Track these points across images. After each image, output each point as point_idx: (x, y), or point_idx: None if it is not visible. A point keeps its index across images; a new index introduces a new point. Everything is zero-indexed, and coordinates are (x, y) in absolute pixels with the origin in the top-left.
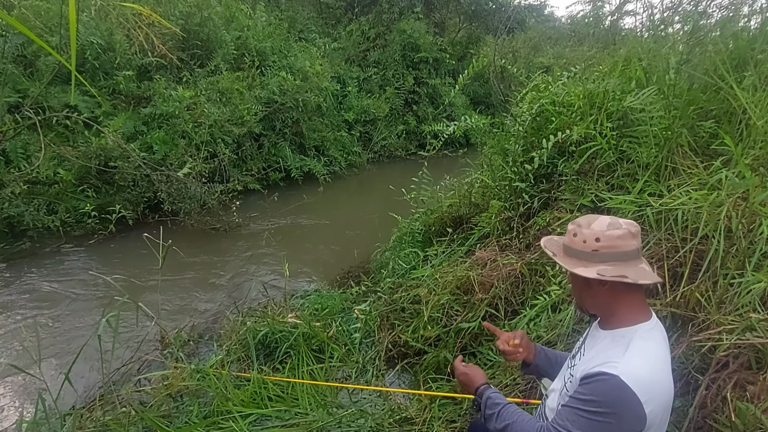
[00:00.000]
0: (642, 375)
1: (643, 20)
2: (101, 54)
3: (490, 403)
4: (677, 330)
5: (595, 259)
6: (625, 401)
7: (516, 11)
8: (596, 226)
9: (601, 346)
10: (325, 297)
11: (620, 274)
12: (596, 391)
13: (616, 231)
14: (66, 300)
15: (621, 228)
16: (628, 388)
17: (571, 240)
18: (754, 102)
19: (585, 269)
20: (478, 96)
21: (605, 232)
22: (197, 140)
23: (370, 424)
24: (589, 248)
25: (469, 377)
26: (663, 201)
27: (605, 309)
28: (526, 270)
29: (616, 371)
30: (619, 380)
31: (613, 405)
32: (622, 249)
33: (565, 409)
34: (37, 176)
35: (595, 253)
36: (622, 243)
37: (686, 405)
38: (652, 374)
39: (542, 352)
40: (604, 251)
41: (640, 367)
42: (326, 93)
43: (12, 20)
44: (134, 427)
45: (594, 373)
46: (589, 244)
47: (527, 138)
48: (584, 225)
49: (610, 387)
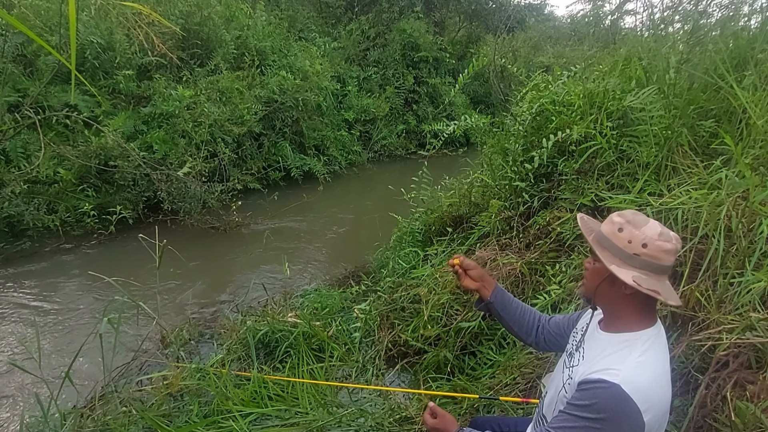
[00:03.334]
0: (642, 384)
1: (643, 19)
2: (101, 53)
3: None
4: (677, 329)
5: (633, 263)
6: (624, 410)
7: (516, 10)
8: (647, 230)
9: (602, 350)
10: (325, 296)
11: (654, 289)
12: (595, 398)
13: (666, 244)
14: (66, 299)
15: (671, 242)
16: (628, 397)
17: (614, 234)
18: (754, 101)
19: (620, 269)
20: (478, 95)
21: (655, 241)
22: (197, 139)
23: (370, 423)
24: (631, 250)
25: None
26: (663, 200)
27: (614, 310)
28: (526, 269)
29: (617, 379)
30: (619, 389)
31: (612, 413)
32: (662, 263)
33: (563, 414)
34: (37, 176)
35: (635, 257)
36: (665, 257)
37: (686, 404)
38: (652, 382)
39: (501, 294)
40: (646, 259)
41: (641, 375)
42: (326, 92)
43: (12, 19)
44: (134, 426)
45: (594, 380)
46: (634, 246)
47: (527, 137)
48: (634, 224)
49: (610, 395)
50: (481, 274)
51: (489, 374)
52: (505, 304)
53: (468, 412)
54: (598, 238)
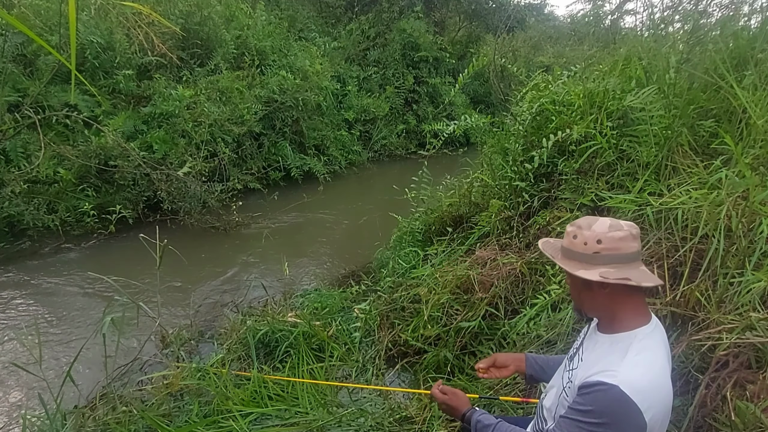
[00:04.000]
0: (641, 383)
1: (644, 19)
2: (101, 53)
3: (480, 427)
4: (677, 329)
5: (597, 262)
6: (625, 411)
7: (516, 10)
8: (597, 227)
9: (599, 351)
10: (325, 296)
11: (623, 277)
12: (595, 401)
13: (617, 233)
14: (66, 299)
15: (622, 230)
16: (628, 397)
17: (571, 242)
18: (754, 101)
19: (587, 272)
20: (478, 95)
21: (607, 233)
22: (197, 139)
23: (370, 423)
24: (590, 250)
25: (451, 405)
26: (663, 200)
27: (604, 312)
28: (526, 269)
29: (615, 381)
30: (619, 390)
31: (613, 416)
32: (623, 251)
33: (565, 420)
34: (37, 175)
35: (597, 255)
36: (624, 245)
37: (686, 404)
38: (651, 381)
39: (533, 363)
40: (606, 253)
41: (639, 375)
42: (326, 92)
43: (12, 19)
44: (135, 426)
45: (592, 383)
46: (590, 246)
47: (527, 137)
48: (584, 227)
49: (610, 398)
50: (505, 359)
51: None
52: (541, 366)
53: None
54: (563, 252)
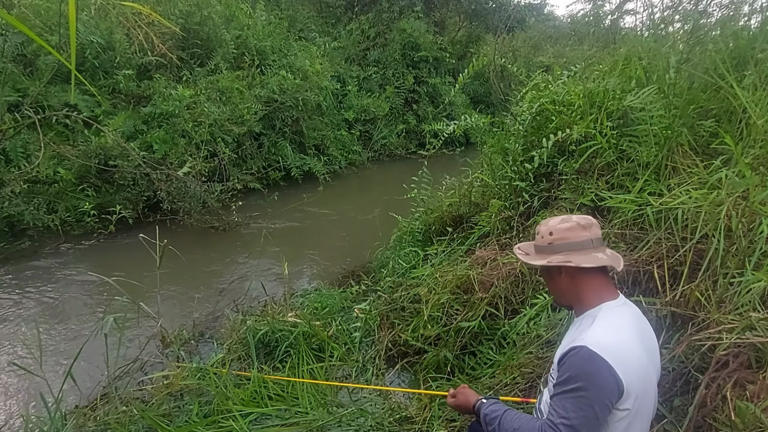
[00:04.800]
0: (607, 340)
1: (644, 19)
2: (101, 53)
3: (489, 419)
4: (677, 329)
5: (550, 251)
6: (597, 369)
7: (516, 10)
8: (551, 222)
9: (573, 330)
10: (325, 296)
11: (566, 260)
12: (570, 367)
13: (565, 224)
14: (66, 299)
15: (570, 221)
16: (596, 354)
17: (536, 239)
18: (755, 101)
19: (538, 259)
20: (478, 95)
21: (557, 225)
22: (197, 139)
23: (370, 423)
24: (545, 242)
25: (461, 403)
26: (663, 200)
27: (572, 296)
28: (526, 269)
29: (583, 342)
30: (587, 350)
31: (587, 376)
32: (572, 240)
33: (553, 399)
34: (37, 175)
35: (551, 245)
36: (572, 234)
37: (686, 404)
38: (617, 339)
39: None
40: (557, 243)
41: (604, 334)
42: (326, 92)
43: (12, 19)
44: (135, 426)
45: (565, 352)
46: (546, 238)
47: (527, 137)
48: (543, 224)
49: (580, 358)
50: None
51: (489, 374)
52: None
53: None
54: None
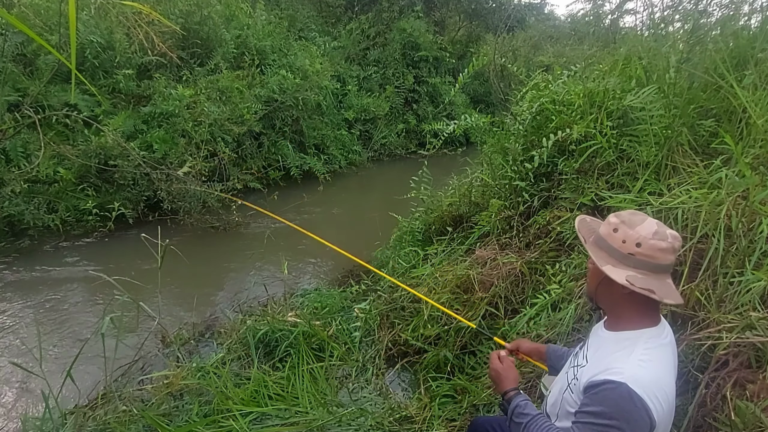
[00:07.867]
0: (647, 380)
1: (644, 19)
2: (101, 52)
3: (518, 412)
4: (677, 329)
5: (628, 263)
6: (634, 409)
7: (516, 10)
8: (642, 230)
9: (605, 350)
10: (324, 296)
11: (648, 288)
12: (605, 401)
13: (660, 242)
14: (66, 298)
15: (666, 240)
16: (636, 394)
17: (610, 234)
18: (755, 101)
19: (613, 269)
20: (478, 95)
21: (649, 240)
22: (197, 139)
23: (370, 422)
24: (625, 250)
25: (500, 377)
26: (663, 200)
27: (616, 309)
28: (526, 269)
29: (622, 378)
30: (627, 388)
31: (624, 414)
32: (658, 261)
33: (578, 425)
34: (37, 175)
35: (630, 257)
36: (662, 256)
37: (686, 403)
38: (658, 381)
39: (552, 353)
40: (641, 258)
41: (646, 373)
42: (326, 91)
43: (12, 18)
44: (135, 425)
45: (600, 382)
46: (628, 246)
47: (527, 137)
48: (629, 223)
49: (619, 396)
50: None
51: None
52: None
53: (468, 412)
54: (596, 239)
